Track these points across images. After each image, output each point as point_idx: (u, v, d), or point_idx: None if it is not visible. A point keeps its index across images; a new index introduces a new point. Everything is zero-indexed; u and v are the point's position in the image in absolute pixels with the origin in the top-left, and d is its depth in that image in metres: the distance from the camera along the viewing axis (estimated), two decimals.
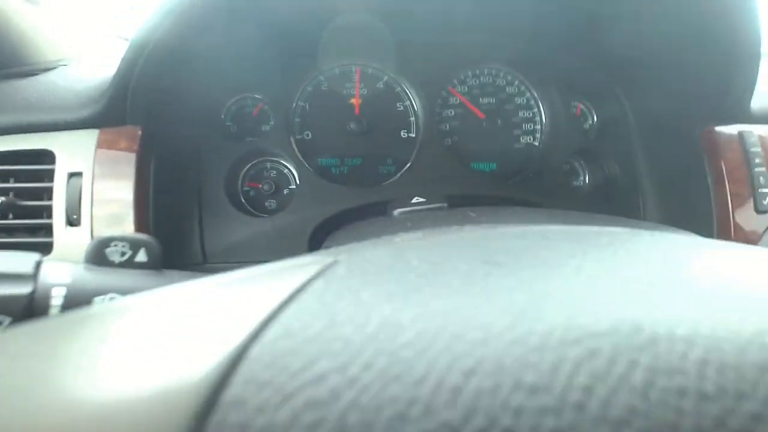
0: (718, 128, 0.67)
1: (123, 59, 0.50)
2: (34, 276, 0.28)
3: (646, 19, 0.63)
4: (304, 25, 0.68)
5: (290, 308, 0.13)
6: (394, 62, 0.74)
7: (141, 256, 0.32)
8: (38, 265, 0.29)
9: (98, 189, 0.53)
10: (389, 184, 0.73)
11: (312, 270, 0.16)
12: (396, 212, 0.47)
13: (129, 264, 0.31)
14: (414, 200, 0.48)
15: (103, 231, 0.53)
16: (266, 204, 0.71)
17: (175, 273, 0.33)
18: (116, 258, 0.31)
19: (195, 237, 0.64)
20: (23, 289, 0.27)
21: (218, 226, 0.65)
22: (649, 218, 0.76)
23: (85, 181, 0.54)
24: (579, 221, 0.33)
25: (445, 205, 0.48)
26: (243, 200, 0.70)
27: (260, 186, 0.71)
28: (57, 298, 0.28)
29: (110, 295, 0.29)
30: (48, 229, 0.55)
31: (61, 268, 0.29)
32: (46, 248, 0.55)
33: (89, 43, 0.80)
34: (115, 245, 0.31)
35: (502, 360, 0.11)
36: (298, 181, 0.71)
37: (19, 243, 0.56)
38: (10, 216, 0.57)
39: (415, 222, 0.39)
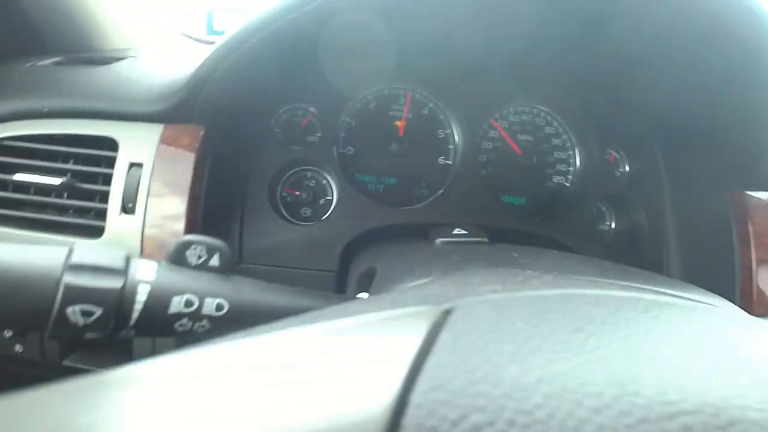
0: (749, 192, 0.68)
1: (207, 60, 0.53)
2: (125, 271, 0.31)
3: (692, 83, 0.65)
4: (355, 44, 0.70)
5: (432, 361, 0.15)
6: (441, 90, 0.77)
7: (214, 261, 0.34)
8: (128, 260, 0.31)
9: (156, 181, 0.56)
10: (422, 207, 0.75)
11: (428, 320, 0.18)
12: (438, 241, 0.49)
13: (203, 267, 0.34)
14: (455, 231, 0.50)
15: (155, 222, 0.56)
16: (301, 211, 0.74)
17: (241, 279, 0.36)
18: (193, 260, 0.33)
19: (234, 236, 0.66)
20: (115, 283, 0.30)
21: (257, 228, 0.67)
22: (671, 272, 0.77)
23: (145, 173, 0.57)
24: (632, 278, 0.35)
25: (486, 240, 0.50)
26: (280, 205, 0.73)
27: (298, 193, 0.74)
28: (142, 294, 0.30)
29: (186, 295, 0.32)
30: (100, 214, 0.58)
31: (147, 266, 0.32)
32: (96, 232, 0.57)
33: (154, 36, 0.84)
34: (195, 248, 0.33)
35: (616, 429, 0.13)
36: (335, 193, 0.73)
37: (70, 223, 0.59)
38: (65, 196, 0.60)
39: (462, 255, 0.41)
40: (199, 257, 0.33)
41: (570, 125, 0.81)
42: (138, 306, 0.30)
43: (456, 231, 0.50)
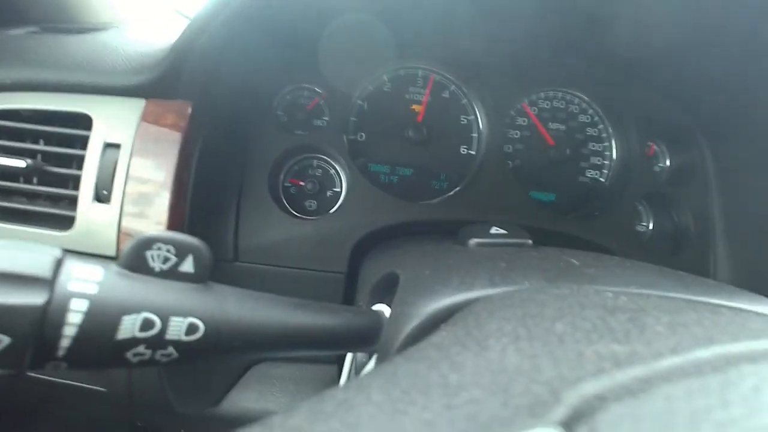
0: None
1: (187, 28, 0.45)
2: (51, 281, 0.21)
3: (744, 66, 0.57)
4: (376, 20, 0.62)
5: None
6: (465, 72, 0.68)
7: (187, 265, 0.25)
8: (59, 264, 0.22)
9: (135, 165, 0.48)
10: (440, 201, 0.67)
11: None
12: (472, 242, 0.41)
13: (171, 274, 0.25)
14: (493, 230, 0.41)
15: (133, 212, 0.47)
16: (306, 204, 0.66)
17: (223, 290, 0.27)
18: (157, 264, 0.25)
19: (229, 231, 0.58)
20: (35, 298, 0.20)
21: (255, 223, 0.59)
22: (720, 278, 0.69)
23: (122, 155, 0.48)
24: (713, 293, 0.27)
25: (530, 242, 0.41)
26: (282, 197, 0.65)
27: (303, 184, 0.65)
28: (76, 314, 0.21)
29: (144, 314, 0.23)
30: (72, 202, 0.50)
31: (87, 273, 0.23)
32: (66, 223, 0.49)
33: (141, 10, 0.76)
34: (158, 248, 0.25)
35: None
36: (345, 184, 0.65)
37: (38, 212, 0.51)
38: (35, 181, 0.52)
39: (508, 263, 0.33)
40: (165, 260, 0.25)
41: (607, 114, 0.73)
42: (69, 331, 0.21)
43: (494, 230, 0.42)
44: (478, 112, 0.69)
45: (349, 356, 0.42)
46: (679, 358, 0.16)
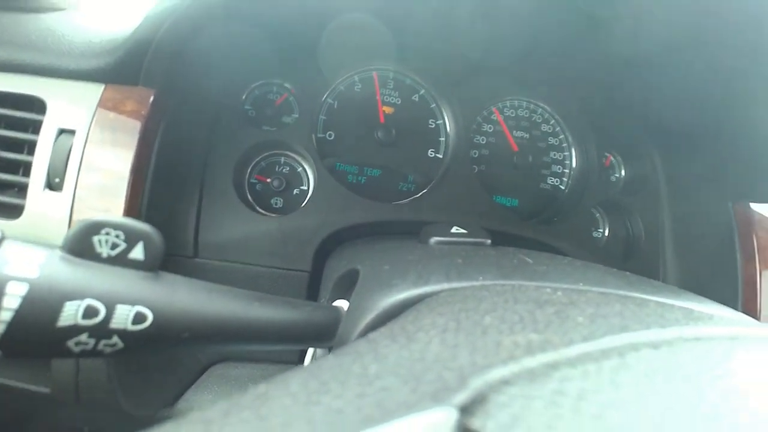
0: (753, 205, 0.65)
1: (152, 12, 0.44)
2: None
3: (694, 84, 0.61)
4: (348, 21, 0.63)
5: None
6: (435, 76, 0.70)
7: (137, 252, 0.24)
8: None
9: (91, 153, 0.46)
10: (407, 203, 0.68)
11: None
12: (433, 240, 0.41)
13: (120, 260, 0.24)
14: (453, 230, 0.42)
15: (87, 202, 0.45)
16: (272, 201, 0.65)
17: (175, 278, 0.26)
18: (105, 250, 0.24)
19: (189, 225, 0.56)
20: None
21: (218, 218, 0.58)
22: (669, 282, 0.73)
23: (77, 142, 0.46)
24: (659, 293, 0.29)
25: (489, 241, 0.42)
26: (248, 193, 0.63)
27: (269, 180, 0.64)
28: (13, 298, 0.20)
29: (87, 301, 0.22)
30: (22, 189, 0.47)
31: (28, 255, 0.21)
32: (14, 211, 0.46)
33: None
34: (107, 233, 0.23)
35: None
36: (312, 183, 0.65)
37: None
38: None
39: (465, 259, 0.33)
40: (114, 246, 0.24)
41: (567, 124, 0.76)
42: (4, 316, 0.20)
43: (454, 230, 0.43)
44: (446, 117, 0.71)
45: (309, 354, 0.42)
46: (589, 345, 0.17)
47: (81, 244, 0.23)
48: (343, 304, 0.34)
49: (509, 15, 0.58)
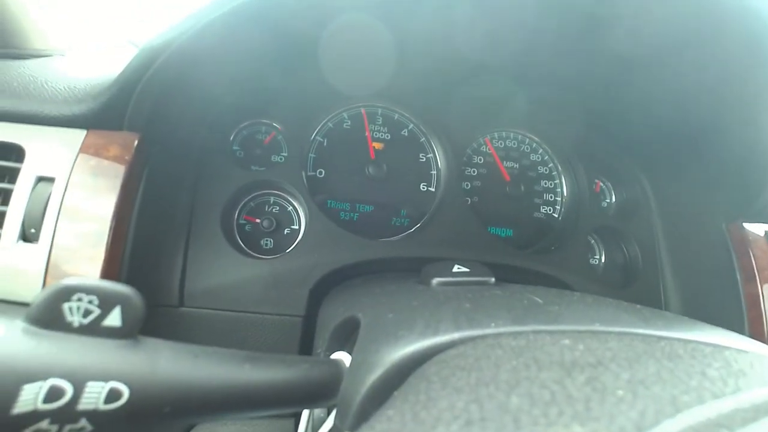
0: (746, 225, 0.65)
1: (135, 58, 0.43)
2: None
3: (680, 95, 0.61)
4: (332, 53, 0.63)
5: None
6: (423, 110, 0.70)
7: (113, 318, 0.22)
8: None
9: (70, 200, 0.43)
10: (401, 238, 0.66)
11: None
12: (435, 282, 0.39)
13: (93, 329, 0.21)
14: (455, 269, 0.41)
15: (65, 253, 0.43)
16: (262, 242, 0.62)
17: (156, 344, 0.23)
18: (76, 318, 0.21)
19: (175, 272, 0.53)
20: None
21: (205, 263, 0.55)
22: (670, 308, 0.71)
23: (56, 190, 0.44)
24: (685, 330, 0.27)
25: (492, 279, 0.41)
26: (237, 235, 0.61)
27: (258, 221, 0.62)
28: None
29: (51, 381, 0.19)
30: None
31: None
32: None
33: (92, 39, 0.73)
34: (79, 299, 0.21)
35: None
36: (303, 222, 0.63)
37: None
38: None
39: (473, 303, 0.32)
40: (87, 313, 0.21)
41: (555, 152, 0.76)
42: None
43: (456, 269, 0.41)
44: (436, 150, 0.71)
45: (305, 414, 0.38)
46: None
47: (49, 314, 0.20)
48: (343, 356, 0.31)
49: (508, 15, 0.58)
